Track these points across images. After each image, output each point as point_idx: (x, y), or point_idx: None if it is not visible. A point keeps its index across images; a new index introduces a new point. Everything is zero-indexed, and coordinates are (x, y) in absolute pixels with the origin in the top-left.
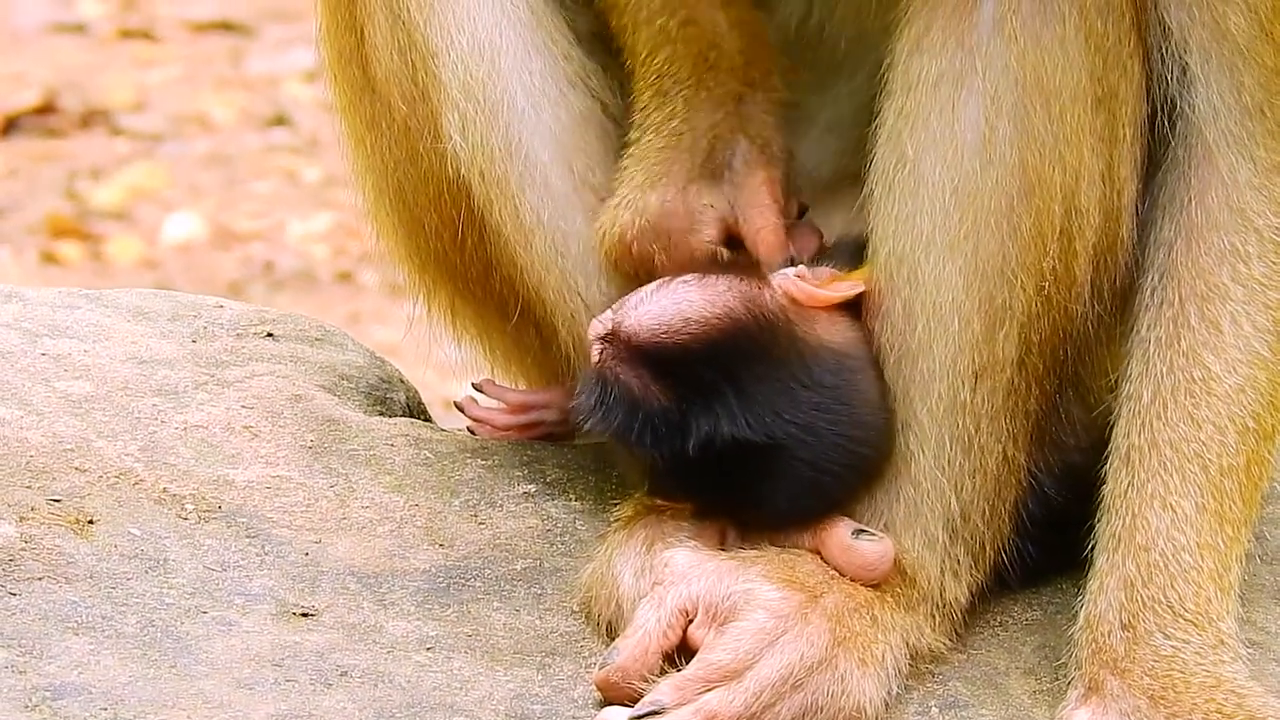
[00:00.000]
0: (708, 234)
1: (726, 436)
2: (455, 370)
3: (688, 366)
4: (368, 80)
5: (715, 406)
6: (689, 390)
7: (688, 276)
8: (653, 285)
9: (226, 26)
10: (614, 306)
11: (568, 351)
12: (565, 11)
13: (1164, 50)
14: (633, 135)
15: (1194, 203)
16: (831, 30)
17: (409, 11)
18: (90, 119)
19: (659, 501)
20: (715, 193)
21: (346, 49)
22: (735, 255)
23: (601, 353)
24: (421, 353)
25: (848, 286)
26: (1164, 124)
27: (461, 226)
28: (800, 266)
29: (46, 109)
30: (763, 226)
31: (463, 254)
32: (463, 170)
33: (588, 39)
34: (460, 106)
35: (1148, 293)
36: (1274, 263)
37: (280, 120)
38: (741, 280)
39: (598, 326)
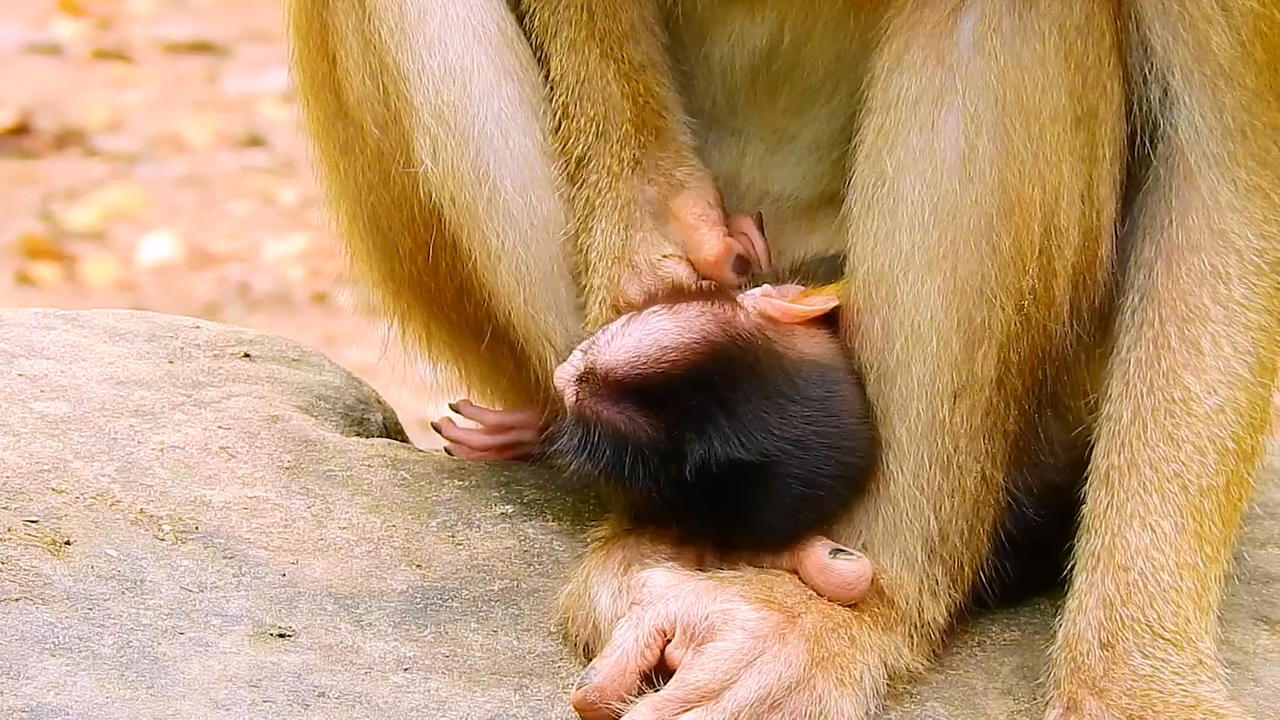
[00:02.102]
0: (683, 278)
1: (721, 458)
2: (432, 391)
3: (672, 394)
4: (340, 105)
5: (706, 430)
6: (677, 418)
7: (656, 307)
8: (620, 320)
9: (202, 47)
10: (581, 347)
11: (541, 374)
12: (530, 37)
13: (1146, 71)
14: (573, 240)
15: (1175, 224)
16: (809, 52)
17: (380, 36)
18: (65, 140)
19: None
20: (662, 242)
21: (319, 74)
22: (701, 281)
23: (578, 394)
24: (398, 373)
25: (821, 300)
26: (1144, 145)
27: (434, 250)
28: (766, 285)
29: (21, 130)
30: (697, 247)
31: (436, 278)
32: (434, 195)
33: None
34: (431, 131)
35: (1128, 314)
36: (1254, 284)
37: (256, 141)
38: (712, 303)
39: (568, 370)
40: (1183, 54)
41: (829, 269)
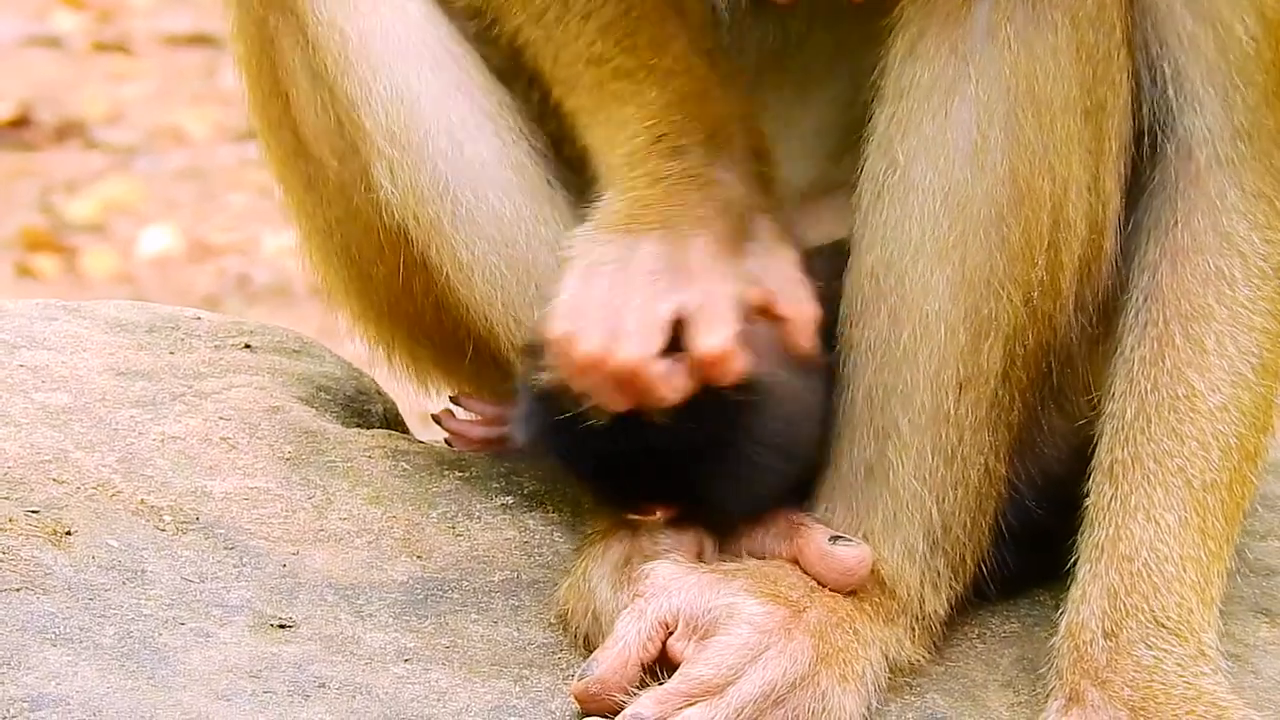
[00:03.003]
0: None
1: (632, 436)
2: None
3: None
4: (299, 142)
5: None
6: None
7: None
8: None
9: (201, 40)
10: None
11: None
12: (481, 48)
13: (1158, 69)
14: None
15: (1180, 225)
16: (813, 40)
17: (326, 66)
18: (65, 132)
19: (634, 515)
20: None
21: (275, 115)
22: None
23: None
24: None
25: None
26: (1150, 146)
27: (406, 273)
28: None
29: (21, 122)
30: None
31: (413, 300)
32: (397, 216)
33: (505, 75)
34: (386, 153)
35: (1132, 314)
36: (1258, 287)
37: (255, 133)
38: None
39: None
40: (1206, 50)
41: (829, 259)
